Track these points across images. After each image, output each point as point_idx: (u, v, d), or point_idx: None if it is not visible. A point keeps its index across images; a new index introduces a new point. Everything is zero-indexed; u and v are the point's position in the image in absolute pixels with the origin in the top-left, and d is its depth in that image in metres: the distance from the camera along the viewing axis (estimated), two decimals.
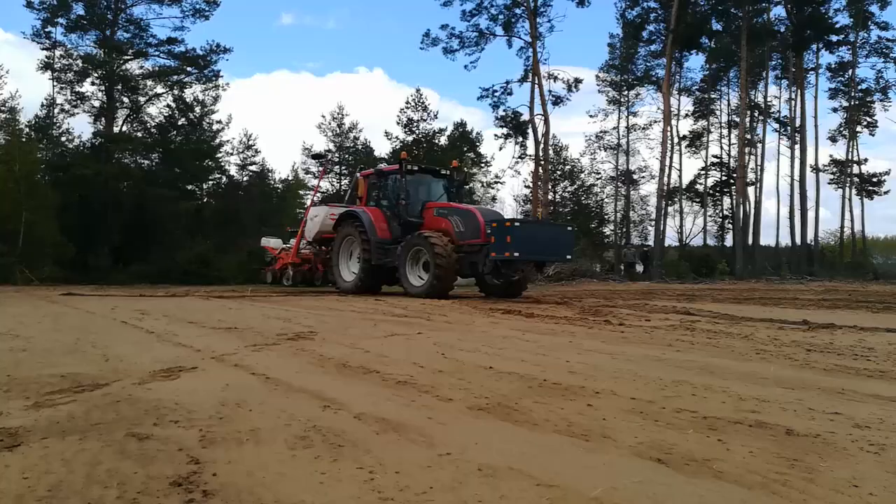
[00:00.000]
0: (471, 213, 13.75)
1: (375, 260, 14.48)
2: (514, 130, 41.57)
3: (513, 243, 12.21)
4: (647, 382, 4.20)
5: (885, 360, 5.19)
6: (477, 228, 13.26)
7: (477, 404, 3.53)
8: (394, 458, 2.56)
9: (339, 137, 44.98)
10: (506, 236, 12.29)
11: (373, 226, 14.81)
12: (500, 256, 12.48)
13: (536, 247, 12.89)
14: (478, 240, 13.15)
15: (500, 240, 12.39)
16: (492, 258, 12.63)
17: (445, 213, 14.20)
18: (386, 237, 14.75)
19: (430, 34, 40.10)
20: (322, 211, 17.20)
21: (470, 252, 13.28)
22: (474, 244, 13.22)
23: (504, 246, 12.30)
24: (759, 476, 2.36)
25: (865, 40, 41.82)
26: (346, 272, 15.78)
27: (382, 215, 15.16)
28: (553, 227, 16.26)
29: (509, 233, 12.35)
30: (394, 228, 14.88)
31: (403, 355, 5.26)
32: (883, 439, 2.85)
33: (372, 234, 14.66)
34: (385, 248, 14.50)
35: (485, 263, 13.02)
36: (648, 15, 42.88)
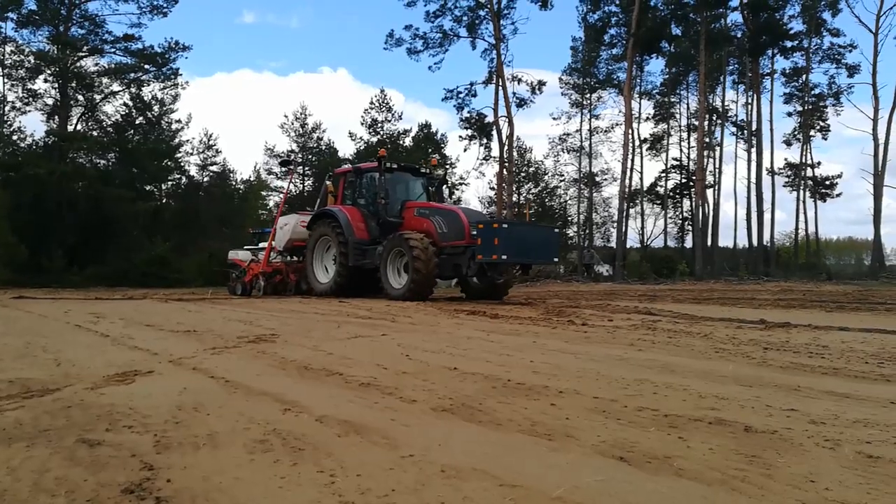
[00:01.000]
0: (454, 214, 13.40)
1: (353, 261, 14.00)
2: (478, 132, 41.77)
3: (500, 245, 11.92)
4: (610, 381, 4.23)
5: (839, 357, 5.32)
6: (461, 229, 12.94)
7: (441, 405, 3.51)
8: (356, 461, 2.52)
9: (303, 138, 44.54)
10: (493, 238, 12.01)
11: (350, 225, 14.28)
12: (487, 258, 12.15)
13: (524, 249, 12.57)
14: (462, 241, 12.85)
15: (486, 241, 12.12)
16: (478, 260, 12.32)
17: (427, 213, 13.79)
18: (364, 237, 14.27)
19: (393, 35, 40.08)
20: (292, 219, 16.67)
21: (453, 254, 12.94)
22: (458, 245, 12.89)
23: (491, 248, 12.01)
24: (719, 472, 2.39)
25: (818, 46, 43.17)
26: (322, 274, 15.22)
27: (360, 214, 14.66)
28: (540, 228, 15.86)
29: (496, 235, 12.04)
30: (372, 228, 14.42)
31: (367, 357, 5.21)
32: (837, 435, 2.91)
33: (349, 233, 14.15)
34: (363, 249, 14.06)
35: (469, 265, 12.69)
36: (610, 19, 43.57)
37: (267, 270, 16.46)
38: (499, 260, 12.00)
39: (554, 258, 14.35)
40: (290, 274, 16.58)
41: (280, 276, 16.67)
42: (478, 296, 14.03)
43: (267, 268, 16.50)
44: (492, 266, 12.57)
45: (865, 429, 3.02)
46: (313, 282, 15.12)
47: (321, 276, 15.11)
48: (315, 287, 15.04)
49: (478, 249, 12.24)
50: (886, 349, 5.78)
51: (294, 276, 16.53)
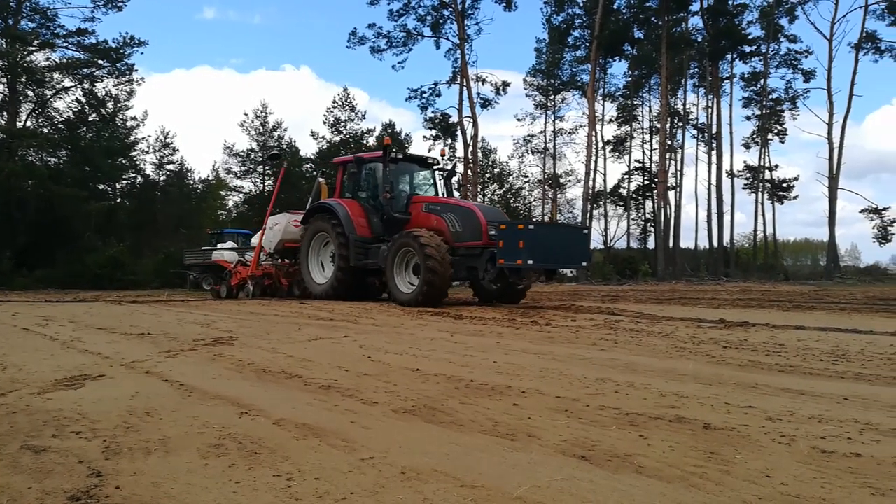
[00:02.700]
0: (470, 212, 12.02)
1: (354, 261, 12.65)
2: (442, 132, 41.82)
3: (525, 249, 10.54)
4: (573, 381, 4.24)
5: (795, 355, 5.44)
6: (477, 229, 11.62)
7: (402, 407, 3.46)
8: (313, 464, 2.46)
9: (263, 136, 43.94)
10: (517, 241, 10.64)
11: (350, 221, 12.87)
12: (510, 264, 10.76)
13: (551, 252, 11.14)
14: (478, 242, 11.55)
15: (509, 244, 10.75)
16: (499, 265, 10.91)
17: (438, 209, 12.41)
18: (365, 235, 12.90)
19: (356, 33, 39.85)
20: (283, 218, 15.29)
21: (468, 255, 11.68)
22: (474, 246, 11.61)
23: (515, 252, 10.63)
24: (678, 469, 2.39)
25: (776, 52, 44.33)
26: (318, 274, 13.78)
27: (361, 209, 13.27)
28: (568, 229, 14.10)
29: (521, 237, 10.67)
30: (374, 225, 13.08)
31: (328, 359, 5.13)
32: (793, 430, 2.95)
33: (350, 230, 12.76)
34: (365, 248, 12.73)
35: (486, 269, 11.41)
36: (573, 21, 44.09)
37: (257, 274, 15.19)
38: (524, 266, 10.65)
39: (583, 262, 12.56)
40: (282, 278, 15.25)
41: (270, 280, 15.34)
42: (492, 299, 12.73)
43: (257, 271, 15.23)
44: (514, 271, 11.19)
45: (820, 424, 3.07)
46: (309, 283, 13.77)
47: (318, 277, 13.74)
48: (311, 289, 13.67)
49: (499, 253, 10.87)
50: (840, 347, 5.93)
51: (286, 280, 15.21)
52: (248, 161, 43.74)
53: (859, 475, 2.34)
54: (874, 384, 4.16)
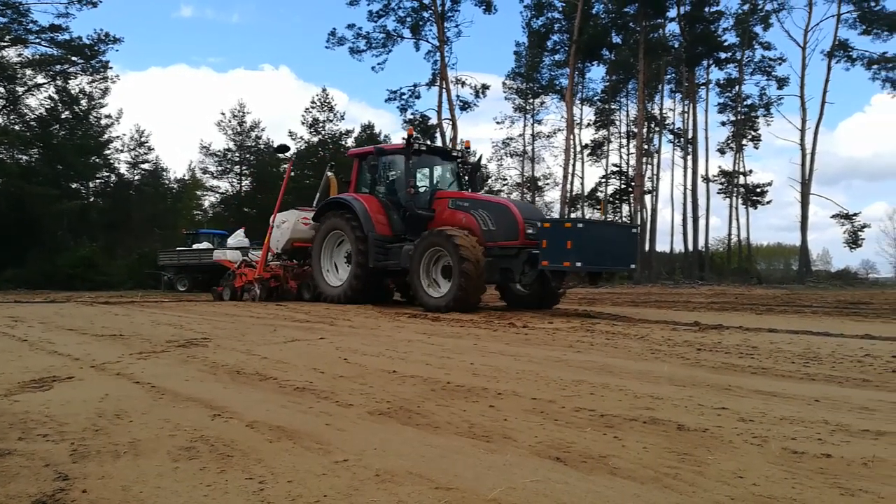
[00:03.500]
0: (505, 209, 11.06)
1: (374, 261, 11.71)
2: (422, 134, 41.74)
3: (574, 250, 9.58)
4: (549, 383, 4.24)
5: (767, 357, 5.50)
6: (513, 227, 10.68)
7: (378, 409, 3.44)
8: (287, 467, 2.43)
9: (240, 136, 43.56)
10: (564, 240, 9.70)
11: (369, 218, 11.85)
12: (556, 266, 9.84)
13: (600, 253, 10.13)
14: (514, 241, 10.61)
15: (555, 245, 9.82)
16: (542, 267, 10.01)
17: (467, 205, 11.43)
18: (385, 233, 11.94)
19: (336, 33, 39.67)
20: (291, 216, 14.26)
21: (502, 256, 10.71)
22: (509, 246, 10.67)
23: (561, 253, 9.70)
24: (652, 470, 2.41)
25: (751, 59, 44.99)
26: (332, 276, 12.82)
27: (379, 205, 12.28)
28: (617, 228, 12.63)
29: (569, 236, 9.71)
30: (394, 222, 12.13)
31: (303, 361, 5.08)
32: (765, 432, 2.99)
33: (368, 228, 11.77)
34: (385, 247, 11.79)
35: (523, 271, 10.51)
36: (553, 25, 44.41)
37: (264, 276, 14.12)
38: (572, 268, 9.70)
39: (632, 264, 11.71)
40: (290, 280, 14.28)
41: (277, 282, 14.34)
42: (523, 304, 11.70)
43: (264, 273, 14.17)
44: (557, 274, 10.33)
45: (791, 426, 3.11)
46: (322, 286, 12.78)
47: (331, 279, 12.76)
48: (324, 292, 12.68)
49: (542, 254, 9.95)
50: (811, 349, 6.02)
51: (294, 282, 14.24)
52: (224, 161, 43.34)
53: (829, 475, 2.37)
54: (844, 386, 4.23)
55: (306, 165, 40.70)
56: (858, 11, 38.12)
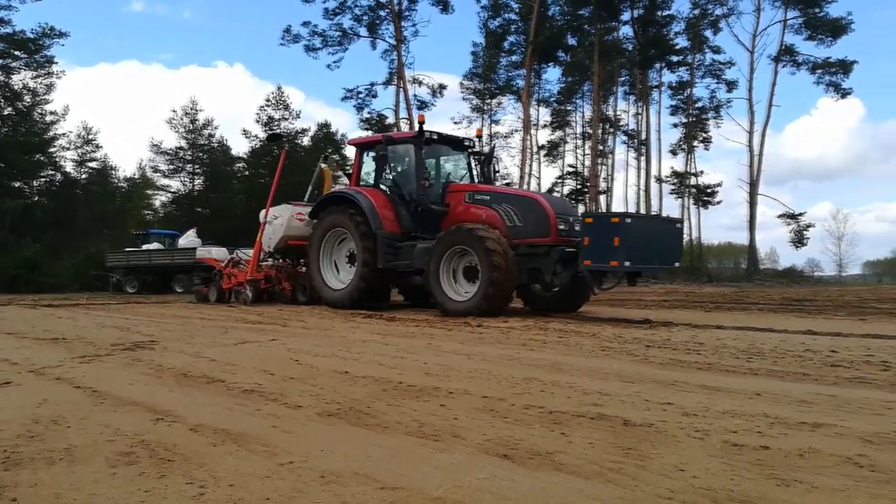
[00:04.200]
0: (534, 203, 10.18)
1: (383, 262, 10.76)
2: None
3: (622, 247, 8.81)
4: (500, 381, 4.26)
5: (713, 353, 5.64)
6: (543, 223, 9.79)
7: (327, 410, 3.40)
8: (230, 471, 2.38)
9: (192, 134, 42.56)
10: (611, 237, 8.90)
11: (377, 214, 10.87)
12: (600, 265, 9.09)
13: (647, 251, 9.36)
14: (545, 238, 9.72)
15: (599, 242, 9.02)
16: (584, 267, 9.22)
17: (488, 199, 10.51)
18: (394, 231, 10.99)
19: (290, 31, 39.10)
20: (285, 211, 13.11)
21: (531, 255, 9.80)
22: (539, 244, 9.78)
23: (608, 251, 8.91)
24: (597, 465, 2.44)
25: (701, 62, 46.11)
26: (332, 278, 11.78)
27: (386, 200, 11.30)
28: (663, 223, 11.26)
29: (617, 232, 8.89)
30: (403, 218, 11.17)
31: (253, 363, 5.00)
32: (707, 425, 3.06)
33: (377, 225, 10.79)
34: (395, 246, 10.85)
35: (555, 271, 9.69)
36: (509, 26, 44.71)
37: (257, 277, 13.10)
38: (619, 267, 8.98)
39: (675, 262, 10.64)
40: (283, 281, 13.28)
41: (269, 283, 13.36)
42: (545, 307, 10.81)
43: (257, 274, 13.14)
44: (597, 275, 9.55)
45: (733, 419, 3.19)
46: (321, 288, 11.73)
47: (331, 281, 11.71)
48: (324, 295, 11.66)
49: (585, 252, 9.16)
50: (755, 345, 6.19)
51: (288, 283, 13.23)
52: (175, 159, 42.32)
53: (766, 467, 2.44)
54: (785, 380, 4.36)
55: (260, 164, 40.06)
56: (803, 17, 39.48)
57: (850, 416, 3.28)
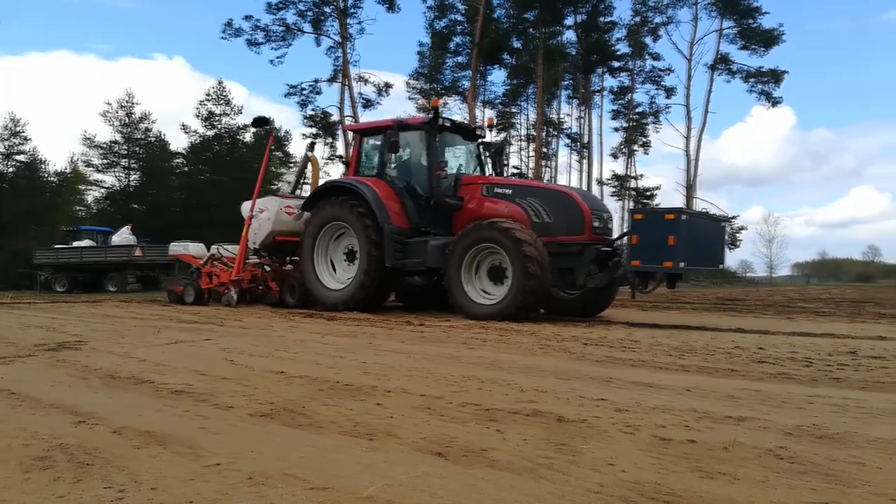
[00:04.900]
0: (566, 198, 9.49)
1: (392, 260, 9.86)
2: (323, 130, 41.02)
3: (678, 247, 8.13)
4: (439, 379, 4.26)
5: (647, 351, 5.79)
6: (577, 220, 9.09)
7: (260, 410, 3.32)
8: (152, 474, 2.29)
9: (128, 128, 41.10)
10: (665, 236, 8.21)
11: (383, 207, 9.96)
12: (653, 266, 8.43)
13: (698, 251, 8.66)
14: (580, 236, 9.04)
15: (651, 240, 8.35)
16: (633, 268, 8.57)
17: (510, 193, 9.75)
18: (402, 225, 10.11)
19: (232, 24, 38.17)
20: (272, 204, 11.99)
21: (561, 254, 9.07)
22: (572, 242, 9.09)
23: (662, 251, 8.22)
24: (529, 462, 2.45)
25: (641, 68, 47.30)
26: (329, 277, 10.81)
27: (391, 191, 10.37)
28: (711, 220, 10.15)
29: (673, 231, 8.20)
30: (411, 212, 10.30)
31: (185, 363, 4.85)
32: (638, 420, 3.12)
33: (384, 219, 9.89)
34: (403, 243, 9.99)
35: (590, 272, 9.02)
36: (455, 27, 44.81)
37: (244, 277, 12.02)
38: (674, 269, 8.32)
39: (721, 263, 9.95)
40: (270, 281, 12.27)
41: (254, 283, 12.27)
42: (565, 310, 10.06)
43: (244, 273, 12.04)
44: (643, 277, 8.82)
45: (662, 414, 3.27)
46: (316, 289, 10.74)
47: (328, 281, 10.75)
48: (319, 296, 10.68)
49: (633, 252, 8.53)
50: (688, 343, 6.38)
51: (275, 283, 12.18)
52: (110, 154, 40.78)
53: (692, 460, 2.51)
54: (714, 376, 4.50)
55: (200, 160, 39.04)
56: (738, 28, 40.95)
57: (773, 409, 3.40)
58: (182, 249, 14.02)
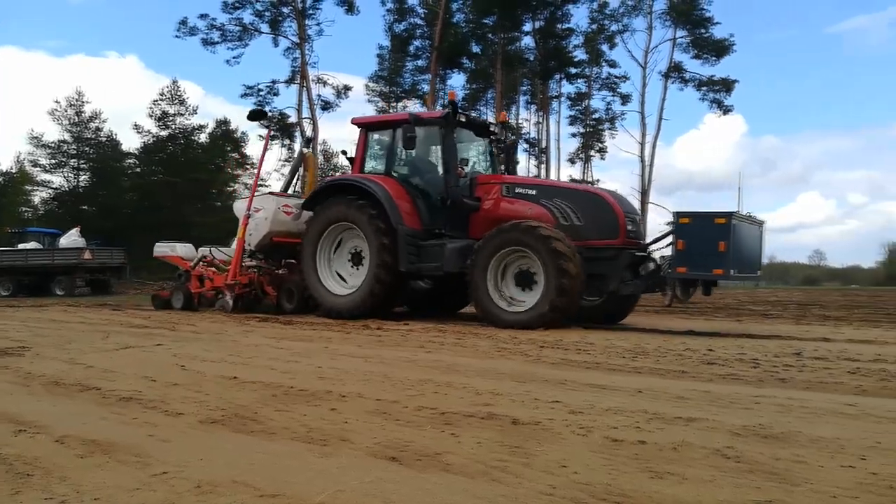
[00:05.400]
0: (598, 199, 8.99)
1: (406, 264, 9.27)
2: (280, 132, 40.48)
3: (730, 253, 7.72)
4: (395, 383, 4.24)
5: (601, 353, 5.87)
6: (610, 223, 8.59)
7: (210, 417, 3.25)
8: (95, 484, 2.22)
9: (77, 127, 39.89)
10: (715, 242, 7.75)
11: (396, 207, 9.38)
12: (702, 274, 8.02)
13: (744, 257, 8.23)
14: (613, 241, 8.54)
15: (700, 246, 7.87)
16: (678, 275, 8.08)
17: (534, 194, 9.19)
18: (415, 227, 9.52)
19: (187, 23, 37.33)
20: (270, 203, 11.18)
21: (593, 259, 8.50)
22: (605, 247, 8.57)
23: (712, 257, 7.78)
24: (483, 465, 2.46)
25: (598, 75, 48.05)
26: (332, 282, 10.11)
27: (403, 190, 9.76)
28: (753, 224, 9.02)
29: (724, 236, 7.75)
30: (423, 213, 9.72)
31: (134, 369, 4.72)
32: (591, 422, 3.16)
33: (397, 220, 9.30)
34: (417, 246, 9.39)
35: (623, 278, 8.55)
36: (415, 31, 44.78)
37: (241, 282, 11.12)
38: (726, 275, 7.93)
39: (759, 269, 9.29)
40: (266, 285, 11.34)
41: (249, 288, 11.30)
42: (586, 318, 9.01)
43: (241, 277, 11.14)
44: (686, 285, 8.40)
45: (615, 416, 3.32)
46: (319, 294, 10.03)
47: (332, 286, 10.05)
48: (325, 302, 9.95)
49: (679, 258, 8.01)
50: (640, 345, 6.49)
51: (271, 288, 11.30)
52: (58, 153, 39.52)
53: (642, 461, 2.55)
54: (665, 377, 4.60)
55: (153, 161, 38.15)
56: (691, 37, 41.95)
57: (721, 410, 3.49)
58: (168, 251, 13.00)
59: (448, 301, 10.74)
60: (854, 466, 2.46)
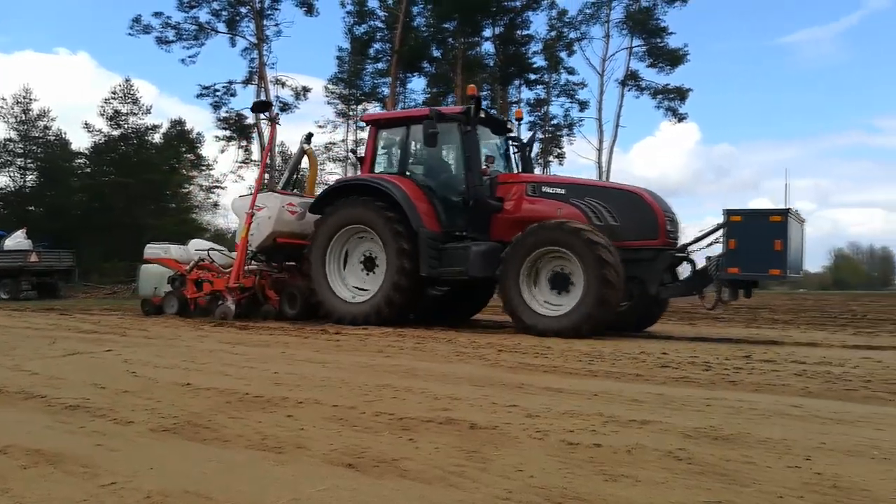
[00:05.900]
0: (635, 198, 8.53)
1: (428, 269, 8.83)
2: (237, 133, 39.85)
3: (786, 252, 7.39)
4: (353, 389, 4.21)
5: (559, 356, 5.94)
6: (650, 223, 8.23)
7: (162, 425, 3.18)
8: (40, 496, 2.15)
9: (25, 125, 38.58)
10: (771, 240, 7.42)
11: (415, 209, 8.99)
12: (756, 274, 7.68)
13: (794, 256, 7.82)
14: (653, 241, 8.19)
15: (753, 245, 7.50)
16: (730, 276, 7.66)
17: (563, 193, 8.76)
18: (434, 229, 9.10)
19: (140, 20, 36.44)
20: (273, 201, 10.53)
21: (632, 260, 8.07)
22: (644, 248, 8.20)
23: (768, 257, 7.43)
24: (440, 470, 2.46)
25: (557, 82, 48.66)
26: (341, 288, 9.65)
27: (420, 191, 9.36)
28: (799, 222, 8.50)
29: (781, 234, 7.41)
30: (441, 214, 9.32)
31: (82, 376, 4.58)
32: (548, 426, 3.19)
33: (418, 223, 8.90)
34: (439, 250, 8.96)
35: (661, 282, 8.22)
36: (375, 33, 44.67)
37: (245, 285, 10.48)
38: (782, 276, 7.52)
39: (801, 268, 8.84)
40: (268, 289, 10.73)
41: (251, 292, 10.65)
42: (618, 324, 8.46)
43: (244, 281, 10.46)
44: (735, 286, 7.94)
45: (571, 419, 3.36)
46: (328, 299, 9.55)
47: (341, 291, 9.61)
48: (335, 308, 9.47)
49: (730, 258, 7.62)
50: (597, 349, 6.59)
51: (273, 292, 10.70)
52: (4, 152, 38.14)
53: (597, 463, 2.58)
54: (620, 380, 4.67)
55: (104, 161, 37.12)
56: (647, 46, 42.88)
57: (674, 412, 3.56)
58: (161, 253, 12.06)
59: (460, 308, 10.43)
60: (800, 467, 2.54)
